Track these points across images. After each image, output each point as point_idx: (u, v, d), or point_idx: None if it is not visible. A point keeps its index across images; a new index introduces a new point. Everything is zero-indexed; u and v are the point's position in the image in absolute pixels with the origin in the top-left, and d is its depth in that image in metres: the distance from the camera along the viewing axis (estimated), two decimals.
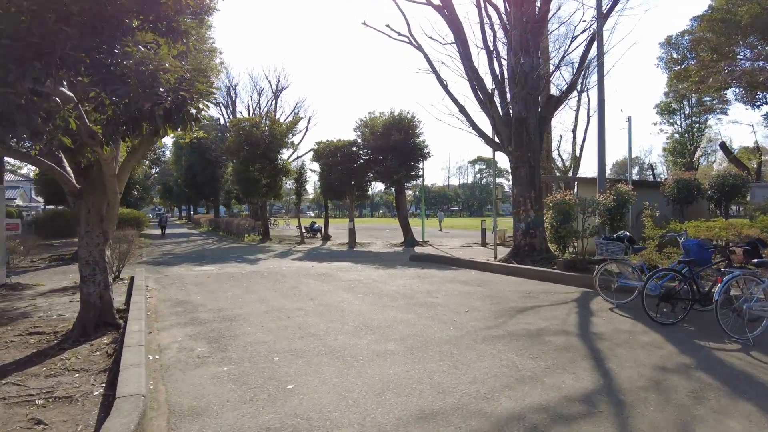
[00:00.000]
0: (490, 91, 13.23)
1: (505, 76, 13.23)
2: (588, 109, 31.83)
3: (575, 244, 11.39)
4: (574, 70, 12.92)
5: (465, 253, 16.73)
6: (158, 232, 32.25)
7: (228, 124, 26.48)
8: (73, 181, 5.96)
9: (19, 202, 46.25)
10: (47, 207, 37.14)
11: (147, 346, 5.19)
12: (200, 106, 5.14)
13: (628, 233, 7.65)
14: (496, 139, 13.57)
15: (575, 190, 16.52)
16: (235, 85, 39.00)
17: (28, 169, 35.56)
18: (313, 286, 9.55)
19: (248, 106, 38.92)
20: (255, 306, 7.51)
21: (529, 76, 12.40)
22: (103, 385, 3.93)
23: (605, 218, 10.79)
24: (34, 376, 4.17)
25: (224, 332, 5.85)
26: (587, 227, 10.75)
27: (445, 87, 14.01)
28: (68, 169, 6.12)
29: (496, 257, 13.57)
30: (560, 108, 13.30)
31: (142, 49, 4.25)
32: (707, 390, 3.94)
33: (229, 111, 39.28)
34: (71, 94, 4.63)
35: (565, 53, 13.39)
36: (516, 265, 11.22)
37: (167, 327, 6.20)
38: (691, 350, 5.04)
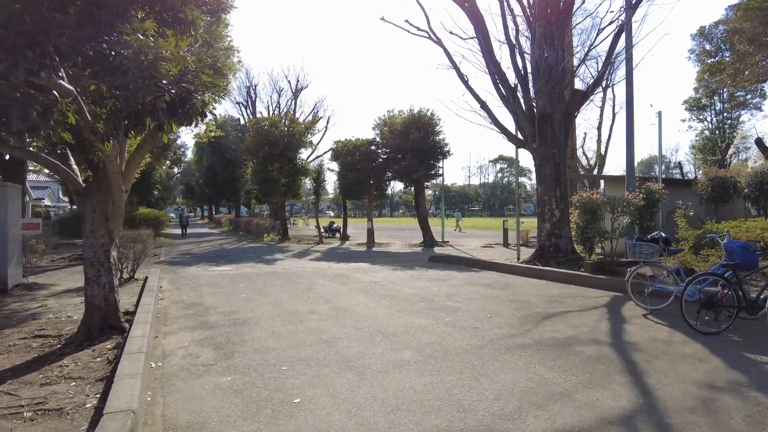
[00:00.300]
0: (512, 85, 12.74)
1: (529, 70, 12.72)
2: (613, 105, 30.88)
3: (602, 245, 10.85)
4: (599, 66, 12.37)
5: (486, 254, 16.25)
6: (179, 231, 32.53)
7: (247, 123, 26.43)
8: (79, 179, 5.77)
9: (47, 202, 47.41)
10: (73, 207, 37.98)
11: (151, 351, 4.95)
12: (206, 99, 4.84)
13: (663, 234, 7.12)
14: (519, 136, 13.07)
15: (601, 188, 15.88)
16: (255, 86, 39.21)
17: None
18: (328, 287, 9.25)
19: (268, 107, 39.03)
20: (267, 309, 7.24)
21: (553, 69, 11.88)
22: (98, 396, 3.67)
23: (634, 218, 10.22)
24: (29, 385, 3.95)
25: (232, 337, 5.58)
26: (617, 227, 10.19)
27: (465, 82, 13.57)
28: (74, 167, 5.94)
29: (519, 258, 13.07)
30: (586, 103, 12.74)
31: (141, 37, 3.99)
32: (767, 414, 3.47)
33: (249, 111, 39.45)
34: (70, 87, 4.40)
35: (591, 46, 12.85)
36: (540, 267, 10.72)
37: (175, 331, 5.97)
38: (741, 365, 4.55)
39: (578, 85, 14.33)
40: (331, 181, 35.76)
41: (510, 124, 13.49)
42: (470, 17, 13.14)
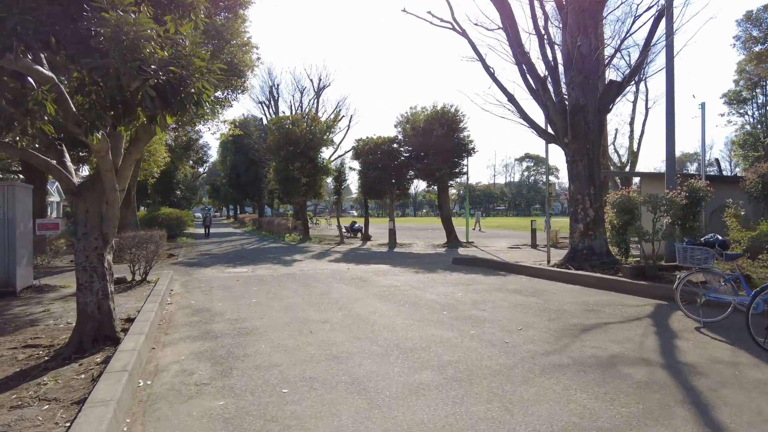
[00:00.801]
0: (542, 76, 11.95)
1: (559, 61, 11.92)
2: (646, 99, 29.58)
3: (639, 247, 9.98)
4: (631, 59, 11.45)
5: (514, 256, 15.46)
6: (203, 231, 32.62)
7: (268, 122, 26.20)
8: (73, 178, 5.35)
9: (56, 197, 46.86)
10: None
11: (143, 366, 4.49)
12: (203, 86, 4.31)
13: (719, 237, 6.29)
14: (550, 131, 12.26)
15: (636, 186, 14.91)
16: (278, 85, 39.01)
17: None
18: (345, 292, 8.71)
19: (291, 105, 38.78)
20: (277, 316, 6.73)
21: (587, 59, 11.05)
22: (68, 424, 3.19)
23: (676, 218, 9.35)
24: None
25: (234, 350, 5.08)
26: (659, 228, 9.33)
27: (492, 74, 12.83)
28: (69, 164, 5.53)
29: (549, 261, 12.28)
30: (621, 95, 11.85)
31: (121, 13, 3.49)
32: None
33: (271, 110, 39.35)
34: (49, 74, 3.96)
35: (627, 33, 11.95)
36: (573, 271, 9.94)
37: (174, 341, 5.51)
38: None
39: (612, 76, 13.42)
40: (354, 180, 35.30)
41: (539, 118, 12.71)
42: (497, 6, 12.40)
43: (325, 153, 28.29)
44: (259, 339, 5.53)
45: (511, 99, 12.68)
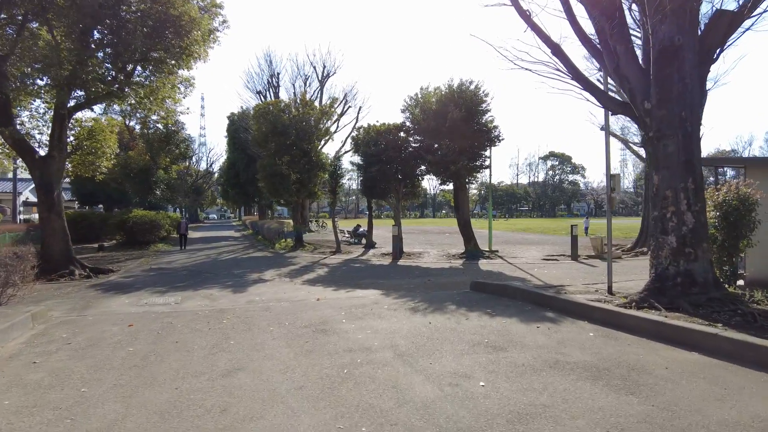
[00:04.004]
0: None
1: None
2: None
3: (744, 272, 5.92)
4: None
5: (554, 275, 11.38)
6: (198, 235, 29.12)
7: (253, 110, 22.58)
8: None
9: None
10: (78, 208, 35.58)
11: None
12: None
13: None
14: (616, 96, 8.14)
15: (732, 179, 10.64)
16: (278, 73, 35.23)
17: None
18: (273, 365, 4.81)
19: (293, 95, 35.10)
20: None
21: None
22: None
23: None
24: None
25: None
26: None
27: (527, 17, 8.75)
28: None
29: (610, 287, 8.18)
30: (737, 33, 7.62)
31: None
32: None
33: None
34: None
35: None
36: (684, 325, 5.66)
37: None
38: None
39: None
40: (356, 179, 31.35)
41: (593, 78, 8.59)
42: None
43: (328, 148, 24.62)
44: None
45: (557, 51, 8.57)
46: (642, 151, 21.03)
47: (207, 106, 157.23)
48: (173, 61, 12.22)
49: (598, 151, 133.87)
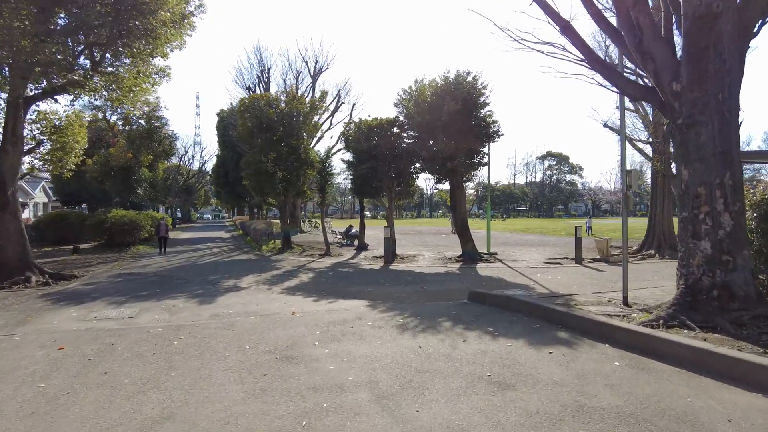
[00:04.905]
0: None
1: None
2: None
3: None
4: None
5: (560, 281, 10.30)
6: (186, 236, 27.92)
7: (238, 104, 21.43)
8: None
9: (43, 198, 42.30)
10: (66, 207, 34.12)
11: None
12: None
13: None
14: (638, 79, 7.05)
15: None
16: (269, 69, 34.01)
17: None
18: (213, 410, 3.68)
19: (284, 89, 33.95)
20: None
21: None
22: None
23: None
24: None
25: None
26: None
27: None
28: None
29: (626, 299, 7.10)
30: None
31: None
32: None
33: None
34: None
35: None
36: (736, 355, 4.51)
37: None
38: None
39: None
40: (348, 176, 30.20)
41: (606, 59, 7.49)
42: None
43: (321, 146, 23.49)
44: None
45: (567, 29, 7.47)
46: (648, 149, 19.99)
47: (202, 105, 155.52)
48: (139, 45, 11.04)
49: (595, 151, 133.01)
